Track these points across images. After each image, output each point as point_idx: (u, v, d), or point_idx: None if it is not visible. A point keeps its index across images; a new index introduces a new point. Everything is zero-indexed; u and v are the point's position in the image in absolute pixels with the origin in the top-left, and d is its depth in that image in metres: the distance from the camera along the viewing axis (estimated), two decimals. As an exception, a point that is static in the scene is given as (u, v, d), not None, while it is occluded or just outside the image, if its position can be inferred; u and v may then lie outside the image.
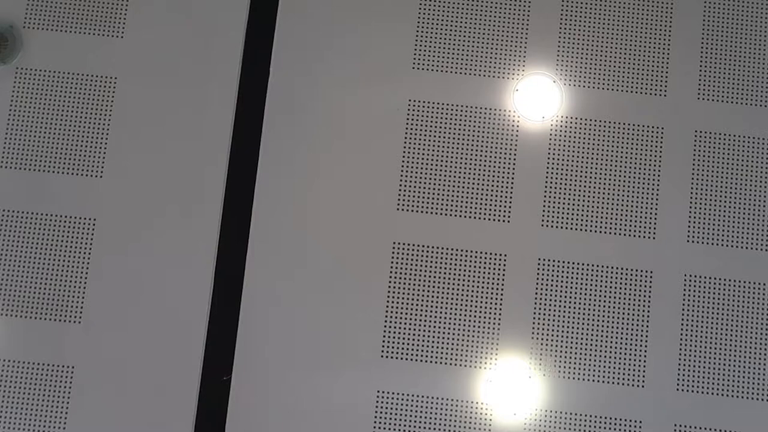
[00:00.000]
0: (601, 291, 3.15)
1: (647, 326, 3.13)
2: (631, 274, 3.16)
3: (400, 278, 3.17)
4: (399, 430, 3.09)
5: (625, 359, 3.12)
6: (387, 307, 3.16)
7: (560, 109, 3.26)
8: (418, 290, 3.17)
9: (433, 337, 3.14)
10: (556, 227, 3.19)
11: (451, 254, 3.18)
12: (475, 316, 3.15)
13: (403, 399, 3.11)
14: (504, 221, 3.20)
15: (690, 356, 3.11)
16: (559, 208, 3.20)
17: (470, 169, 3.23)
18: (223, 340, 3.15)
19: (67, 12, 3.32)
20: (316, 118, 3.26)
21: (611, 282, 3.16)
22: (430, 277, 3.18)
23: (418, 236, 3.20)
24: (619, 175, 3.22)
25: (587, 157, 3.23)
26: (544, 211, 3.20)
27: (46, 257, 3.18)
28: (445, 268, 3.18)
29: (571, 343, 3.13)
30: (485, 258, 3.18)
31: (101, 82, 3.28)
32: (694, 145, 3.23)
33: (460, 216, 3.21)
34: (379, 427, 3.09)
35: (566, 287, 3.16)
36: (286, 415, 3.10)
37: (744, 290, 3.14)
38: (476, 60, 3.29)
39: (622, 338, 3.13)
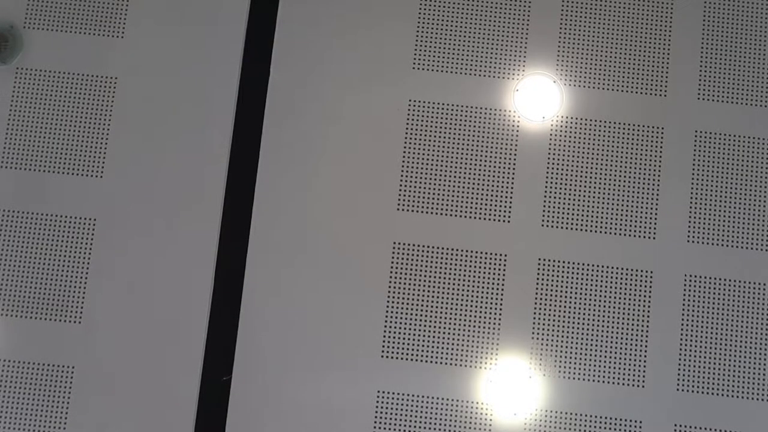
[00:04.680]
0: (601, 291, 3.16)
1: (647, 326, 3.13)
2: (631, 274, 3.16)
3: (400, 278, 3.17)
4: (399, 430, 3.09)
5: (625, 359, 3.12)
6: (387, 307, 3.16)
7: (560, 109, 3.26)
8: (418, 290, 3.17)
9: (433, 337, 3.14)
10: (556, 227, 3.20)
11: (451, 254, 3.18)
12: (475, 316, 3.15)
13: (403, 399, 3.11)
14: (504, 221, 3.20)
15: (690, 356, 3.11)
16: (559, 208, 3.21)
17: (470, 169, 3.23)
18: (223, 340, 3.15)
19: (67, 12, 3.32)
20: (316, 118, 3.26)
21: (611, 282, 3.16)
22: (430, 277, 3.18)
23: (418, 236, 3.20)
24: (619, 175, 3.22)
25: (587, 157, 3.23)
26: (544, 211, 3.20)
27: (46, 257, 3.18)
28: (445, 268, 3.18)
29: (571, 343, 3.13)
30: (485, 258, 3.18)
31: (101, 82, 3.28)
32: (694, 145, 3.23)
33: (460, 216, 3.21)
34: (379, 427, 3.09)
35: (566, 287, 3.16)
36: (286, 415, 3.10)
37: (744, 290, 3.14)
38: (476, 60, 3.29)
39: (622, 338, 3.13)
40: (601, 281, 3.16)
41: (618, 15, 3.30)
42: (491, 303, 3.15)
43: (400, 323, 3.15)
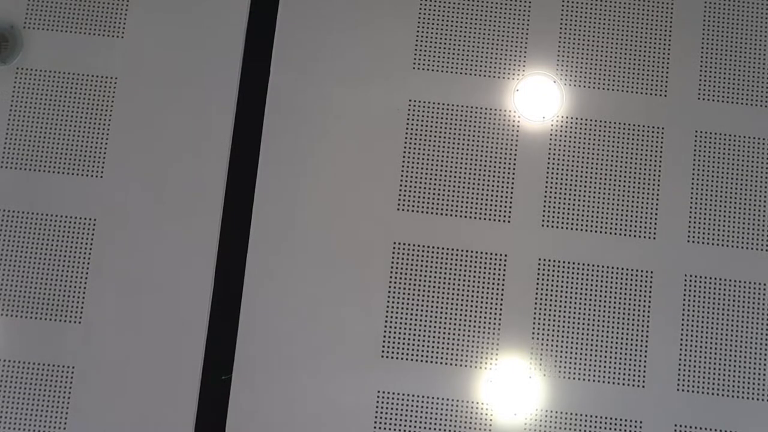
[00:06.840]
0: (601, 291, 3.15)
1: (647, 326, 3.13)
2: (631, 274, 3.16)
3: (400, 278, 3.17)
4: (399, 430, 3.09)
5: (625, 359, 3.12)
6: (387, 307, 3.16)
7: (560, 109, 3.26)
8: (418, 290, 3.17)
9: (433, 337, 3.14)
10: (556, 227, 3.20)
11: (451, 254, 3.18)
12: (475, 316, 3.15)
13: (403, 399, 3.11)
14: (504, 221, 3.20)
15: (690, 356, 3.11)
16: (559, 208, 3.21)
17: (470, 169, 3.23)
18: (223, 340, 3.15)
19: (67, 12, 3.32)
20: (316, 118, 3.26)
21: (611, 282, 3.16)
22: (430, 277, 3.18)
23: (418, 236, 3.20)
24: (619, 175, 3.22)
25: (587, 157, 3.23)
26: (544, 211, 3.20)
27: (46, 257, 3.18)
28: (445, 268, 3.18)
29: (571, 343, 3.13)
30: (485, 258, 3.18)
31: (101, 82, 3.28)
32: (694, 145, 3.23)
33: (460, 216, 3.21)
34: (379, 427, 3.09)
35: (566, 287, 3.16)
36: (286, 415, 3.10)
37: (744, 290, 3.14)
38: (476, 60, 3.29)
39: (622, 338, 3.13)
40: (601, 281, 3.16)
41: (618, 15, 3.30)
42: (491, 303, 3.15)
43: (400, 323, 3.15)
